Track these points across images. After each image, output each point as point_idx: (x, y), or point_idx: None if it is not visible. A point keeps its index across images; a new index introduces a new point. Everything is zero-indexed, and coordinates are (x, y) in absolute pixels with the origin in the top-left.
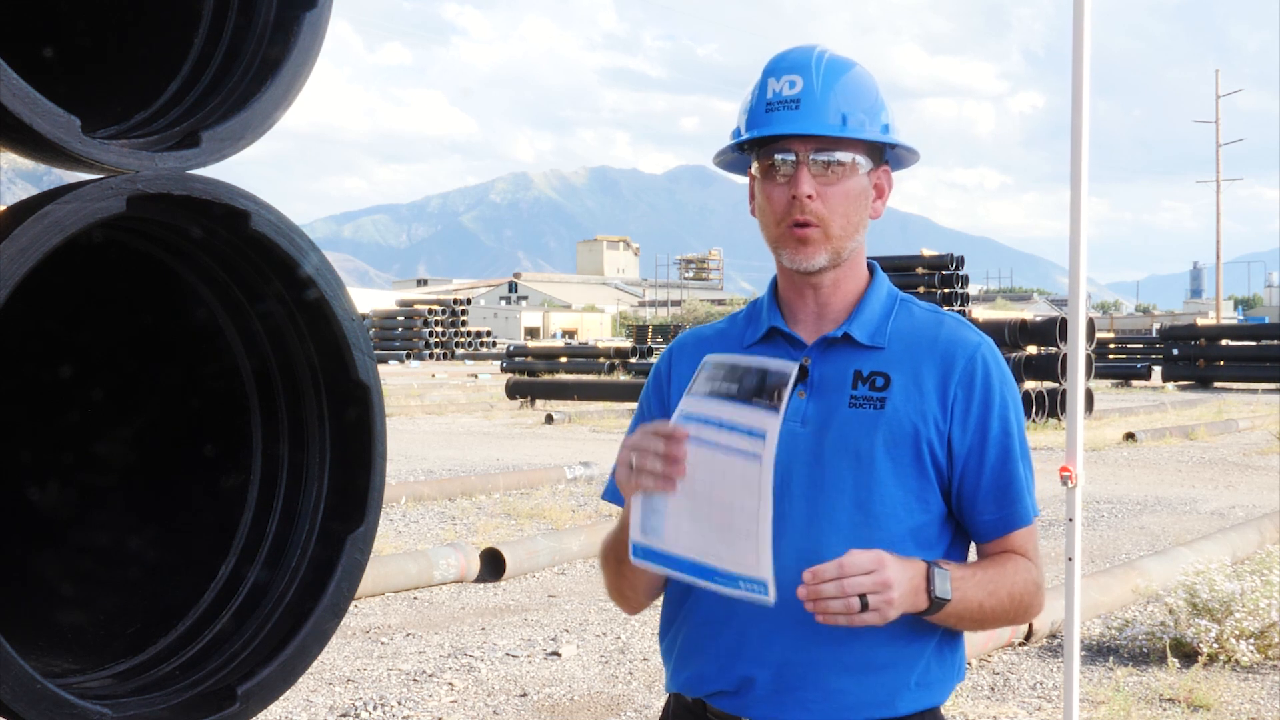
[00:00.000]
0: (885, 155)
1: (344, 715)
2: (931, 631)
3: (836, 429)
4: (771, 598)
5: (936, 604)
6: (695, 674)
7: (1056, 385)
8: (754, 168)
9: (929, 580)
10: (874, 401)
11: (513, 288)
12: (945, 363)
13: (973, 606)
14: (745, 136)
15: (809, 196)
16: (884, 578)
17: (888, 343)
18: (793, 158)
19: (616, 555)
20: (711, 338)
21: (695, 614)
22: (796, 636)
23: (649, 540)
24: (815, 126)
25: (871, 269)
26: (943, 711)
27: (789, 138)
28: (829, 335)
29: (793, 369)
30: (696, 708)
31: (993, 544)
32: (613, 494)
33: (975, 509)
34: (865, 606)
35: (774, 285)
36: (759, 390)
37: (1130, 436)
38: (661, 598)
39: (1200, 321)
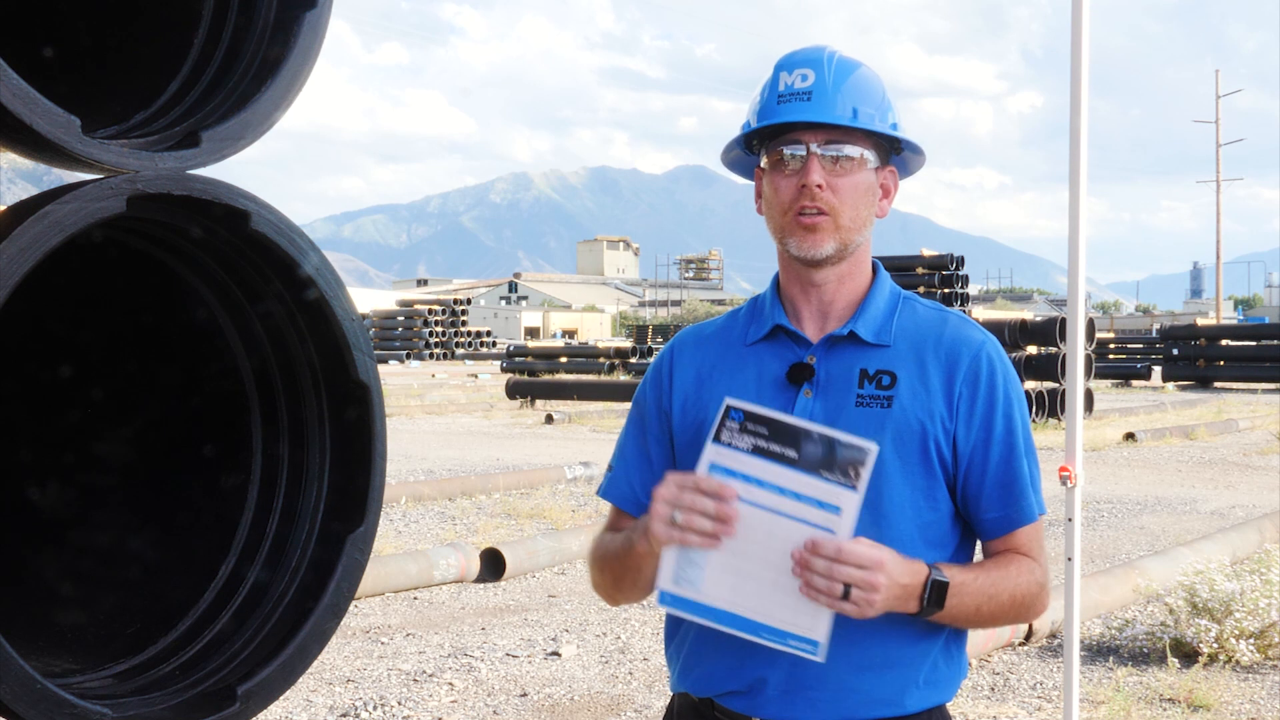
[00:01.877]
0: (891, 159)
1: (344, 715)
2: (939, 630)
3: (844, 428)
4: (821, 657)
5: (927, 611)
6: (705, 674)
7: (1056, 385)
8: (763, 161)
9: (925, 588)
10: (881, 400)
11: (513, 288)
12: (951, 361)
13: (969, 611)
14: (757, 125)
15: (819, 185)
16: (874, 580)
17: (893, 341)
18: (802, 150)
19: (614, 571)
20: (712, 335)
21: None
22: None
23: (682, 590)
24: (827, 115)
25: (875, 268)
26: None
27: (799, 129)
28: (834, 333)
29: (873, 450)
30: (704, 707)
31: (997, 542)
32: (609, 492)
33: (980, 507)
34: (847, 595)
35: (776, 283)
36: (828, 462)
37: (1130, 436)
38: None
39: (1200, 321)
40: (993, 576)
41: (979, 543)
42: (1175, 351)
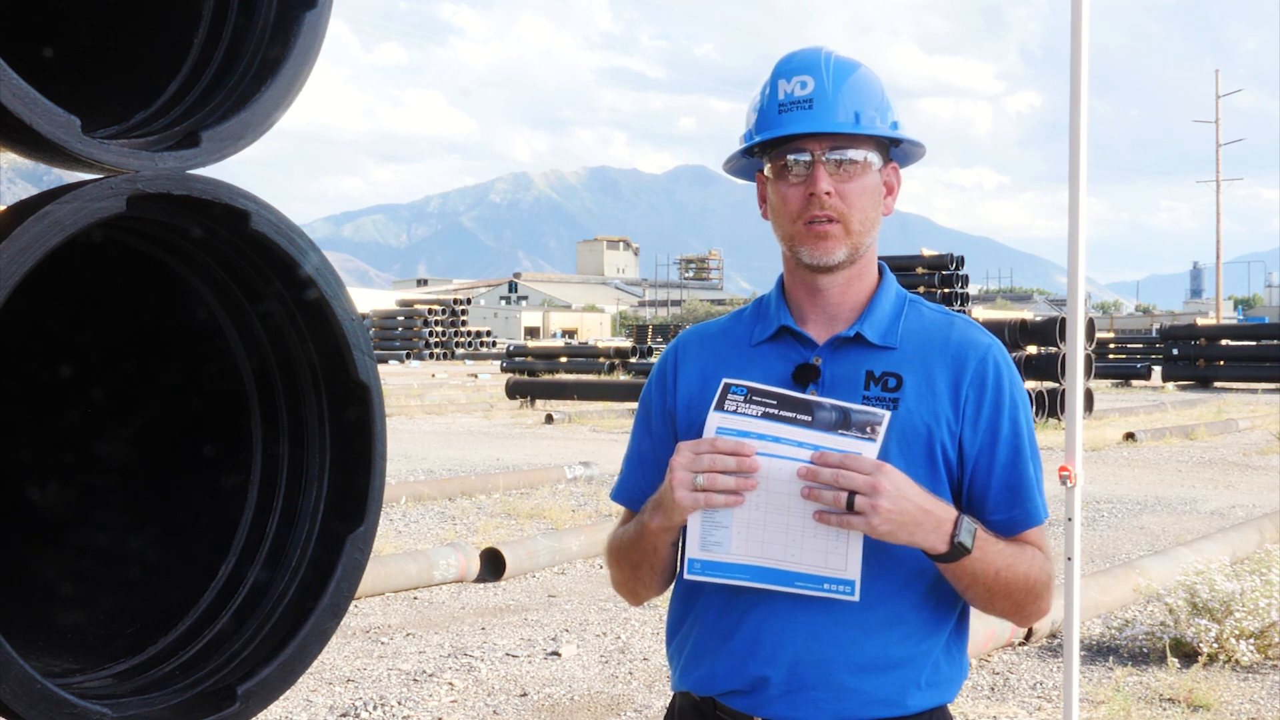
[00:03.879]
0: (892, 153)
1: (344, 715)
2: (942, 629)
3: None
4: (857, 596)
5: (957, 550)
6: (707, 673)
7: (1056, 385)
8: (766, 169)
9: (956, 525)
10: (886, 402)
11: (513, 288)
12: (957, 364)
13: (990, 571)
14: (760, 138)
15: (827, 193)
16: (876, 482)
17: (899, 343)
18: (808, 157)
19: (631, 560)
20: (717, 335)
21: (707, 615)
22: (810, 637)
23: (711, 554)
24: (830, 124)
25: (881, 269)
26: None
27: (803, 138)
28: (841, 335)
29: (886, 415)
30: (706, 706)
31: None
32: (619, 495)
33: (985, 509)
34: (853, 508)
35: (781, 284)
36: (844, 424)
37: (1130, 436)
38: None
39: (1200, 321)
40: (1013, 548)
41: None
42: (1175, 351)
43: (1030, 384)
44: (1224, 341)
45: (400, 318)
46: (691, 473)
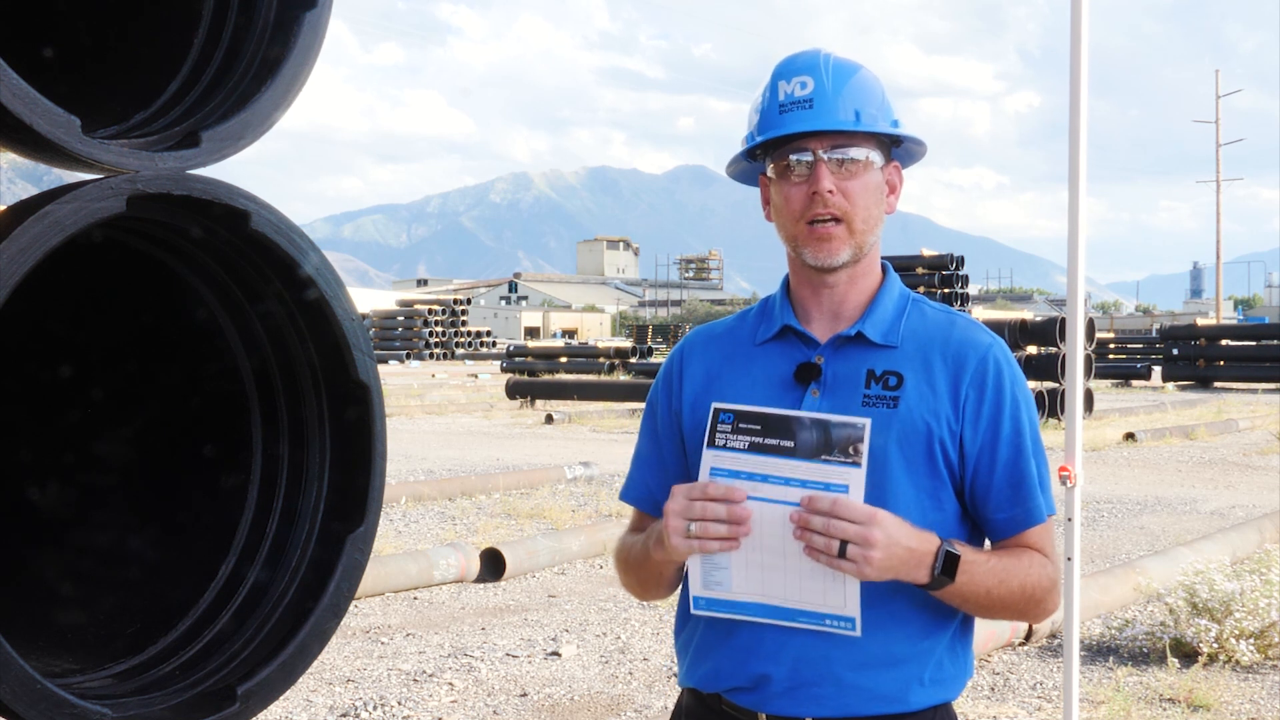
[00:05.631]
0: (894, 153)
1: (344, 715)
2: (945, 627)
3: None
4: (859, 631)
5: (938, 582)
6: (712, 670)
7: (1056, 385)
8: (769, 170)
9: (936, 558)
10: (887, 400)
11: (513, 288)
12: (957, 363)
13: (980, 591)
14: (761, 139)
15: (830, 191)
16: (869, 534)
17: (900, 342)
18: (809, 156)
19: (639, 576)
20: (722, 335)
21: None
22: (811, 634)
23: (713, 593)
24: (831, 123)
25: (884, 268)
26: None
27: (805, 137)
28: (842, 334)
29: (866, 424)
30: (712, 701)
31: (1007, 542)
32: (627, 495)
33: (988, 508)
34: (844, 554)
35: (786, 283)
36: (826, 445)
37: (1130, 436)
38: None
39: (1200, 321)
40: (1005, 563)
41: (988, 544)
42: (1175, 351)
43: (1030, 384)
44: (1224, 341)
45: (400, 318)
46: (685, 520)
